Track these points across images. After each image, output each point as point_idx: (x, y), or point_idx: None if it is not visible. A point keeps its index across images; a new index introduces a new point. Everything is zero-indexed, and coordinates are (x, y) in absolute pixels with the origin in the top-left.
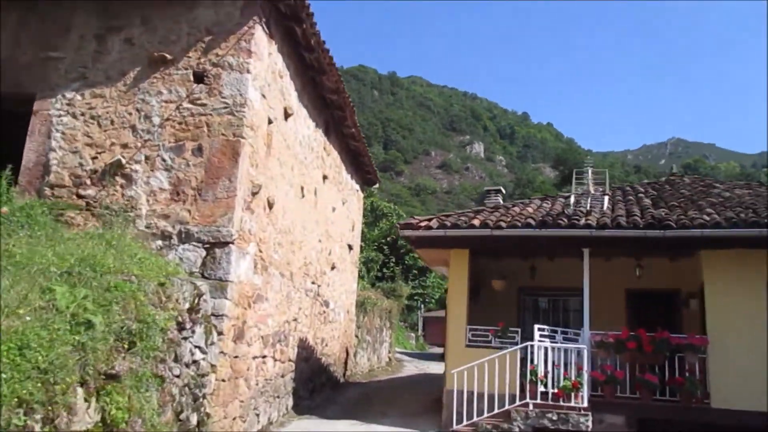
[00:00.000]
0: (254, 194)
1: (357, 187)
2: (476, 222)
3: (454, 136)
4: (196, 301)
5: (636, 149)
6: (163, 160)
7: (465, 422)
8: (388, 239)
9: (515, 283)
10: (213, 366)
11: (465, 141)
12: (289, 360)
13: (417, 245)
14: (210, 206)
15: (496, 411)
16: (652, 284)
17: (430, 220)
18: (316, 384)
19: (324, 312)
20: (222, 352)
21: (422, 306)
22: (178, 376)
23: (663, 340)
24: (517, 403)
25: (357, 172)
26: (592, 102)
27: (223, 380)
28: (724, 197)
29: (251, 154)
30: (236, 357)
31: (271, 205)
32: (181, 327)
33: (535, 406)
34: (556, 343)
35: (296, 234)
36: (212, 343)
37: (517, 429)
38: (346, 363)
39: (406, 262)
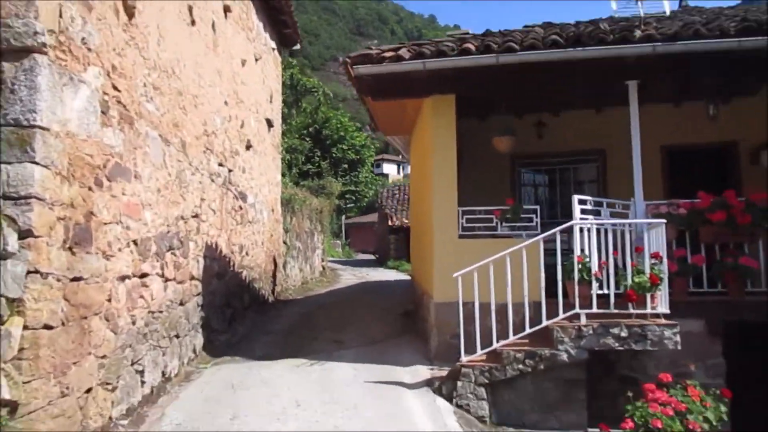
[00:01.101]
0: None
1: (273, 44)
2: (470, 46)
3: (362, 41)
4: None
5: None
6: None
7: (479, 351)
8: (311, 129)
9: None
10: (14, 302)
11: (373, 45)
12: (192, 278)
13: (374, 92)
14: None
15: (527, 331)
16: (696, 138)
17: (396, 49)
18: (236, 308)
19: (241, 209)
20: (37, 272)
21: (354, 204)
22: None
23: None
24: (561, 315)
25: (272, 25)
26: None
27: (48, 327)
28: None
29: None
30: (77, 280)
31: (130, 12)
32: None
33: (590, 317)
34: (606, 220)
35: (187, 81)
36: (5, 257)
37: (564, 355)
38: (274, 276)
39: (333, 154)
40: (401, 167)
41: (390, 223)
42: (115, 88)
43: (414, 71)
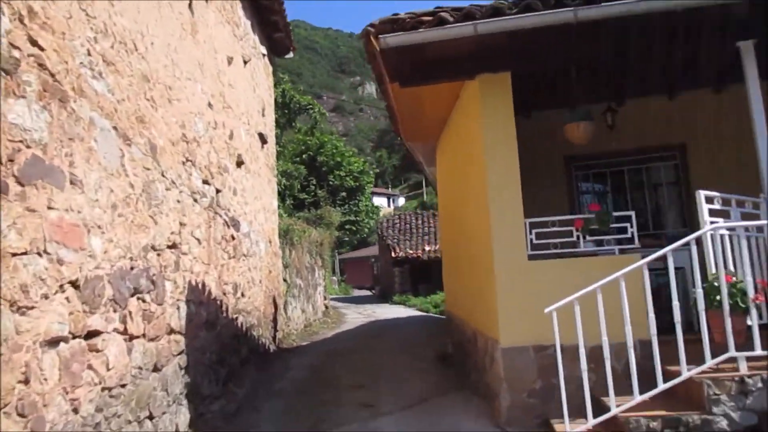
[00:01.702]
0: None
1: (263, 50)
2: (533, 2)
3: (345, 78)
4: None
5: None
6: None
7: (592, 420)
8: (305, 156)
9: (557, 148)
10: None
11: (356, 82)
12: (171, 332)
13: (404, 74)
14: None
15: (661, 386)
16: None
17: (432, 13)
18: (232, 365)
19: (233, 238)
20: None
21: (355, 236)
22: None
23: None
24: (708, 362)
25: (261, 26)
26: None
27: None
28: None
29: None
30: None
31: None
32: None
33: (752, 361)
34: (738, 223)
35: (156, 65)
36: None
37: (723, 421)
38: (275, 321)
39: (330, 182)
40: (391, 200)
41: (393, 254)
42: (34, 43)
43: (461, 38)
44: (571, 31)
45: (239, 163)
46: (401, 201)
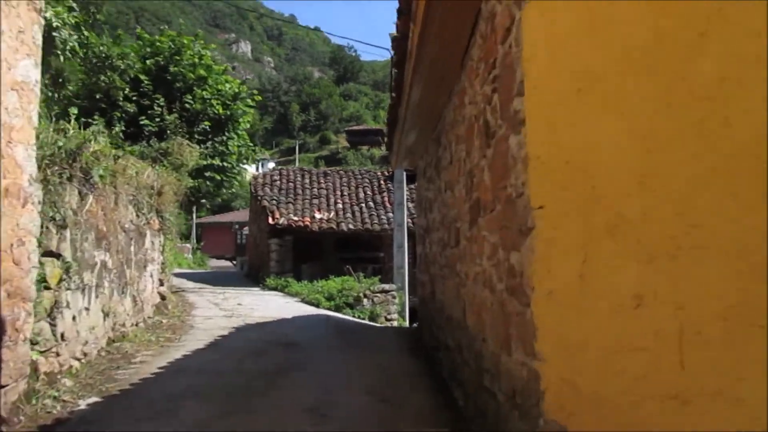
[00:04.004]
0: None
1: None
2: None
3: (219, 33)
4: None
5: None
6: None
7: None
8: (151, 63)
9: None
10: None
11: (230, 39)
12: None
13: None
14: None
15: None
16: None
17: None
18: None
19: None
20: None
21: (222, 188)
22: None
23: None
24: None
25: None
26: (358, 10)
27: None
28: None
29: None
30: None
31: None
32: None
33: None
34: None
35: None
36: None
37: None
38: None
39: (187, 105)
40: (261, 165)
41: (271, 220)
42: None
43: None
44: None
45: None
46: (271, 166)
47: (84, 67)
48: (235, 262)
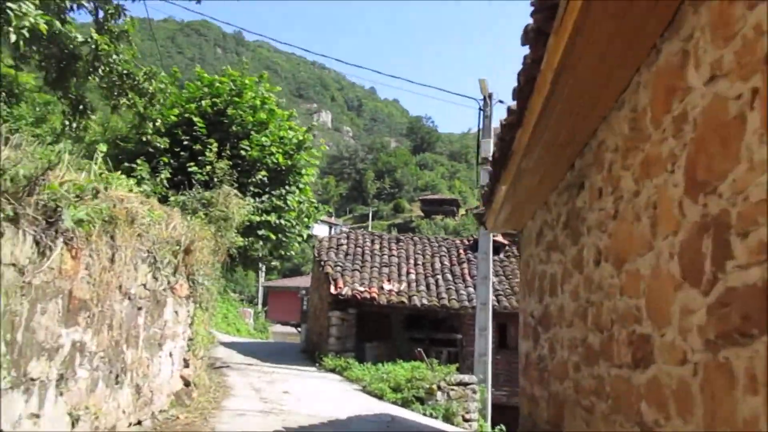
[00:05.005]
0: None
1: None
2: None
3: (301, 104)
4: None
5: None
6: None
7: None
8: (203, 102)
9: None
10: None
11: (312, 109)
12: None
13: None
14: None
15: None
16: None
17: None
18: None
19: None
20: None
21: (276, 249)
22: None
23: None
24: None
25: None
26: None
27: None
28: None
29: None
30: None
31: None
32: None
33: None
34: None
35: None
36: None
37: None
38: None
39: (242, 152)
40: (332, 230)
41: (333, 289)
42: None
43: None
44: None
45: None
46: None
47: (104, 88)
48: (299, 329)
